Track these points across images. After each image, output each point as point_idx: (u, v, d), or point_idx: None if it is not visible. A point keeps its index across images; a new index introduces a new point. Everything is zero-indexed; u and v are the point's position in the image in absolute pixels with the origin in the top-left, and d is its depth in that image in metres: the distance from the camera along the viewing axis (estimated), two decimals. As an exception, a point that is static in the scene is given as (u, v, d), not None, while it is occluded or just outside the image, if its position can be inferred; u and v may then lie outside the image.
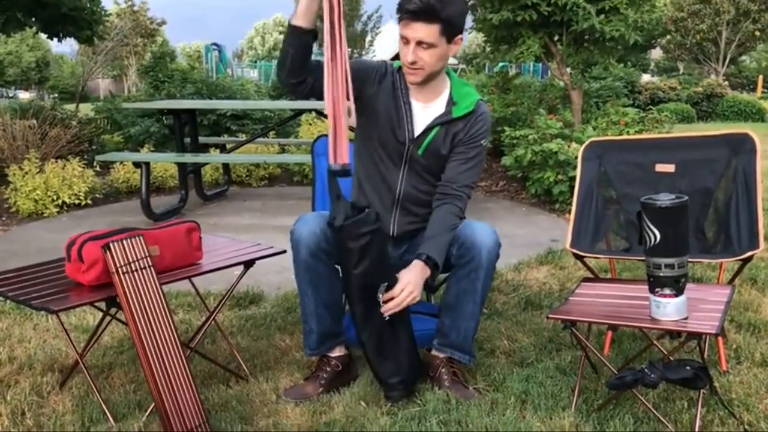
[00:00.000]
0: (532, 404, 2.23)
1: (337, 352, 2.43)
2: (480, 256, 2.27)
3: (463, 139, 2.37)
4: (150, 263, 2.04)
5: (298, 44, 2.12)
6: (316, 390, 2.34)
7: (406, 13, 2.18)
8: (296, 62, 2.15)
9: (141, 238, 2.03)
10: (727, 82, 19.22)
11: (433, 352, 2.42)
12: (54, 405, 2.30)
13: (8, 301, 3.19)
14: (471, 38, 34.55)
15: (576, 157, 2.84)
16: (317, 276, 2.30)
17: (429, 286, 2.99)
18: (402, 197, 2.43)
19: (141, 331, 1.97)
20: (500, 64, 10.91)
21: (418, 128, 2.37)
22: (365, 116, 2.39)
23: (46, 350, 2.74)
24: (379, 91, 2.37)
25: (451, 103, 2.39)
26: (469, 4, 7.11)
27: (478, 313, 2.37)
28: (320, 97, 2.18)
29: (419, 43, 2.21)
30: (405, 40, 2.24)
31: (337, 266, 2.44)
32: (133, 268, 2.00)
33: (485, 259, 2.27)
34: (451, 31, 2.22)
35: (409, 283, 2.17)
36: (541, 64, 15.02)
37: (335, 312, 2.40)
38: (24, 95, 31.69)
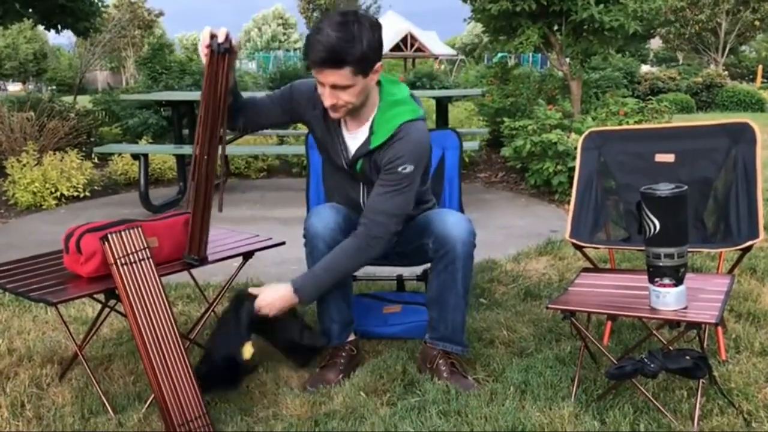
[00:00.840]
0: (532, 394, 2.23)
1: (351, 337, 2.50)
2: (455, 250, 2.26)
3: (383, 165, 2.24)
4: (149, 254, 2.03)
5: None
6: (337, 376, 2.37)
7: (313, 62, 2.08)
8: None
9: (139, 229, 2.03)
10: (726, 72, 19.16)
11: (428, 345, 2.42)
12: (53, 397, 2.30)
13: (7, 293, 3.19)
14: (470, 28, 34.48)
15: (575, 148, 2.84)
16: None
17: (426, 277, 3.00)
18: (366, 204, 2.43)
19: (140, 323, 1.97)
20: (499, 55, 10.90)
21: (349, 156, 2.34)
22: (320, 145, 2.44)
23: (46, 342, 2.74)
24: (312, 119, 2.36)
25: (370, 131, 2.27)
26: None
27: (463, 305, 2.37)
28: (262, 128, 2.49)
29: (334, 86, 2.12)
30: (320, 83, 2.14)
31: None
32: (132, 260, 2.00)
33: (460, 251, 2.26)
34: (365, 67, 2.10)
35: (266, 303, 2.22)
36: (540, 55, 14.99)
37: (350, 300, 2.48)
38: (13, 88, 31.43)
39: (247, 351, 2.18)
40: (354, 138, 2.32)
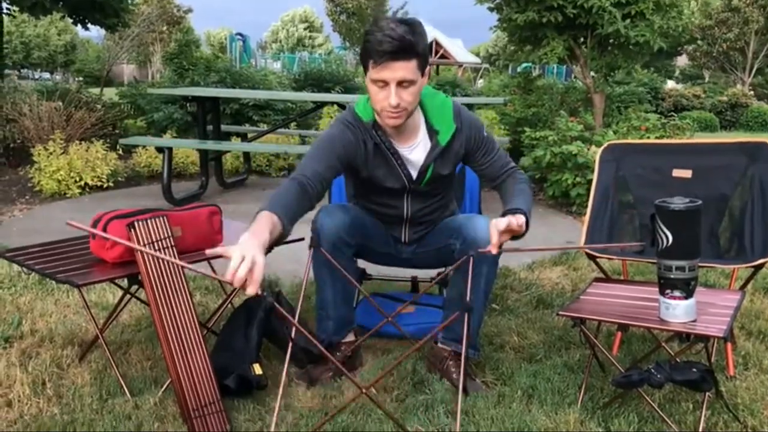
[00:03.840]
0: (539, 399, 2.26)
1: (348, 338, 2.49)
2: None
3: (470, 149, 2.37)
4: (172, 243, 2.10)
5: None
6: (326, 375, 2.40)
7: (384, 55, 2.06)
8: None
9: (165, 218, 2.09)
10: (752, 92, 19.03)
11: (440, 345, 2.46)
12: (73, 377, 2.37)
13: (31, 276, 3.28)
14: (494, 37, 34.48)
15: (595, 160, 2.88)
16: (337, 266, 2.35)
17: (443, 280, 3.04)
18: (410, 217, 2.49)
19: (161, 309, 2.03)
20: (524, 65, 10.93)
21: (414, 171, 2.37)
22: (362, 178, 2.40)
23: (67, 325, 2.82)
24: (367, 155, 2.33)
25: (432, 132, 2.34)
26: (495, 3, 7.13)
27: (482, 309, 2.41)
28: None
29: (400, 83, 2.11)
30: (381, 84, 2.12)
31: (354, 258, 2.50)
32: (156, 247, 2.06)
33: (488, 256, 2.29)
34: (425, 63, 2.16)
35: (501, 223, 2.07)
36: (564, 66, 14.99)
37: (350, 300, 2.49)
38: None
39: (257, 368, 2.28)
40: (413, 149, 2.35)
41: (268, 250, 1.86)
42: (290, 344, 2.06)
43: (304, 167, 2.16)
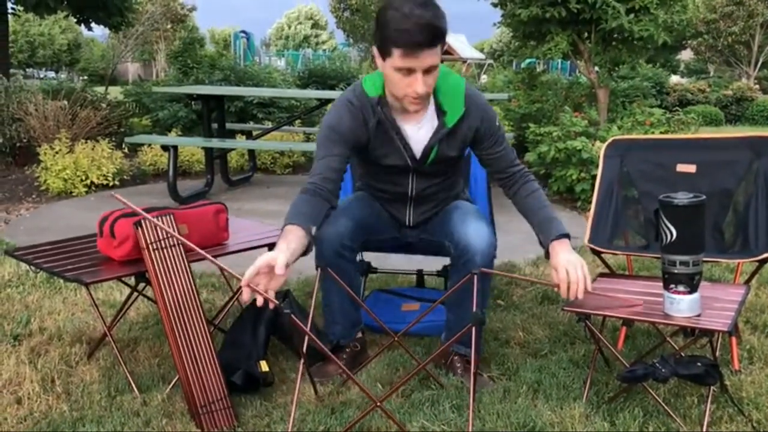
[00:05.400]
0: (544, 393, 2.28)
1: (357, 334, 2.52)
2: (474, 260, 2.27)
3: (479, 135, 2.31)
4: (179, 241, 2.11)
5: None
6: (337, 370, 2.41)
7: (417, 46, 1.96)
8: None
9: (171, 216, 2.11)
10: (758, 86, 18.94)
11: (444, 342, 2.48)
12: (82, 374, 2.40)
13: (39, 275, 3.31)
14: (498, 33, 34.42)
15: (599, 156, 2.88)
16: (341, 272, 2.34)
17: (446, 273, 3.05)
18: (415, 196, 2.48)
19: (168, 306, 2.05)
20: (527, 61, 10.92)
21: (418, 150, 2.31)
22: (366, 156, 2.37)
23: (75, 323, 2.84)
24: (370, 133, 2.27)
25: (440, 113, 2.26)
26: (499, -1, 7.14)
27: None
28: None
29: (427, 70, 2.04)
30: (406, 71, 2.03)
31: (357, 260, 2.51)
32: (163, 245, 2.08)
33: (479, 262, 2.26)
34: (444, 43, 2.11)
35: (569, 263, 2.13)
36: (569, 62, 14.95)
37: (356, 302, 2.49)
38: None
39: (264, 365, 2.28)
40: (420, 128, 2.28)
41: (304, 254, 1.97)
42: (303, 359, 2.07)
43: (312, 171, 2.22)
